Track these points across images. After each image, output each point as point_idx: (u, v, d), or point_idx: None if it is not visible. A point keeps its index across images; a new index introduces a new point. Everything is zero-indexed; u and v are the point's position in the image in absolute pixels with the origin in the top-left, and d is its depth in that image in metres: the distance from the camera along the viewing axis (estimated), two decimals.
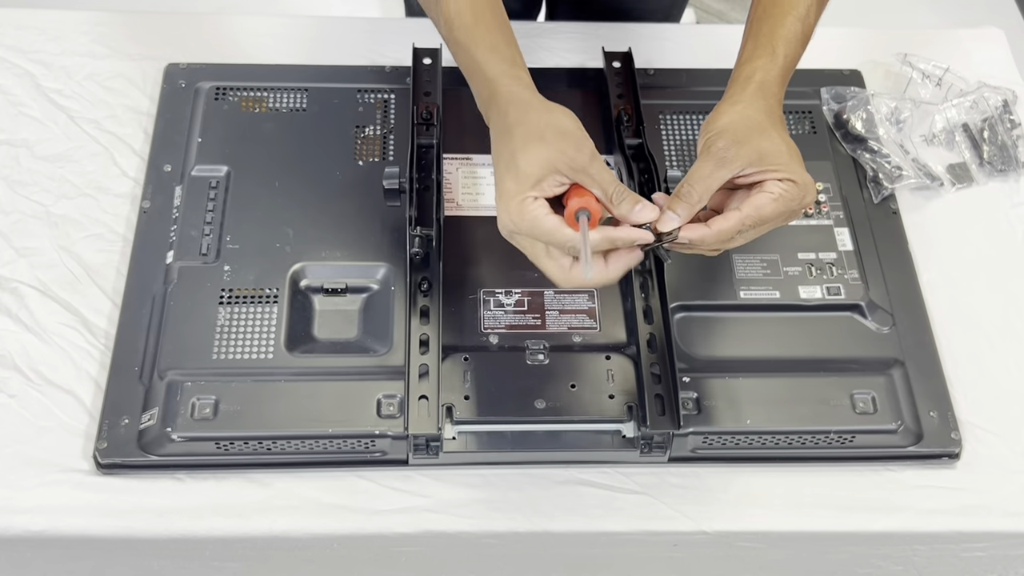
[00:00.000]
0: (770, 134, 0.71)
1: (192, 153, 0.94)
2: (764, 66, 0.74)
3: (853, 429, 0.82)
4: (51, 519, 0.78)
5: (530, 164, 0.67)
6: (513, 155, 0.68)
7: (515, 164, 0.68)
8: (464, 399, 0.81)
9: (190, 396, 0.80)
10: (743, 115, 0.71)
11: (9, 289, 0.88)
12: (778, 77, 0.74)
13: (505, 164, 0.68)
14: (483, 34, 0.72)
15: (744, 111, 0.71)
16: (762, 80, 0.73)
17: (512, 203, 0.68)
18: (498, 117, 0.71)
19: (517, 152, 0.68)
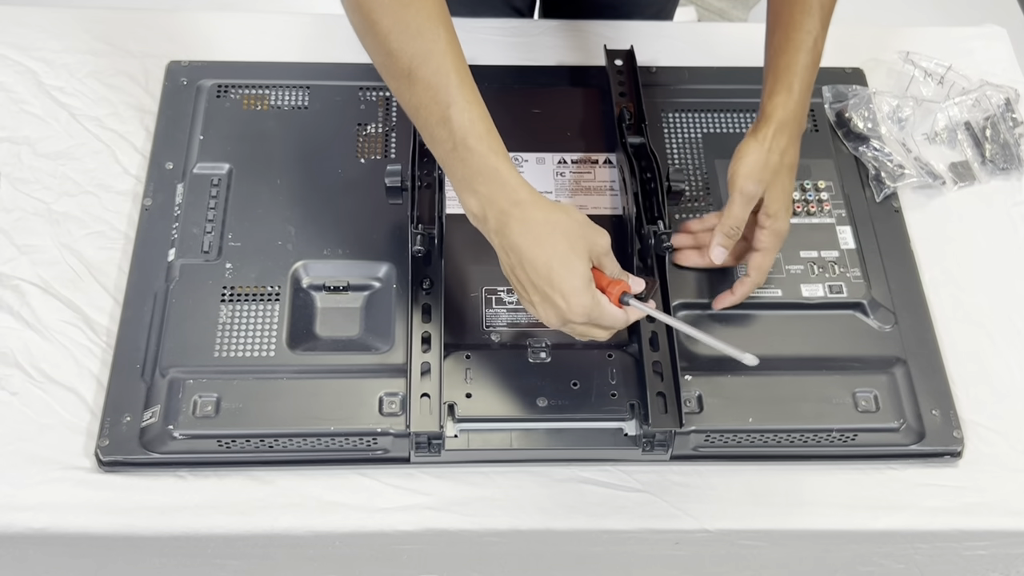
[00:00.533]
0: (780, 180, 0.83)
1: (194, 151, 0.94)
2: (783, 103, 0.83)
3: (855, 427, 0.82)
4: (53, 516, 0.78)
5: (583, 260, 0.73)
6: (567, 254, 0.72)
7: (571, 262, 0.72)
8: (466, 397, 0.81)
9: (192, 394, 0.80)
10: (765, 158, 0.82)
11: (11, 286, 0.88)
12: (795, 111, 0.84)
13: (561, 263, 0.72)
14: (497, 144, 0.74)
15: (766, 154, 0.82)
16: (781, 119, 0.83)
17: (584, 298, 0.72)
18: (527, 222, 0.73)
19: (570, 252, 0.73)
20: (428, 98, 0.72)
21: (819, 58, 0.84)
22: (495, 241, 0.74)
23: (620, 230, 0.91)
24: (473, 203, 0.74)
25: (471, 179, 0.73)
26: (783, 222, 0.84)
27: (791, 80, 0.83)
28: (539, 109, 0.99)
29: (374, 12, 0.71)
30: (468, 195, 0.74)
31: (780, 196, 0.83)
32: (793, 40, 0.83)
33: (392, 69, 0.73)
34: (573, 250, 0.73)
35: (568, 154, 0.96)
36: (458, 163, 0.73)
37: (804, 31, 0.83)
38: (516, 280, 0.75)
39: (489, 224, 0.73)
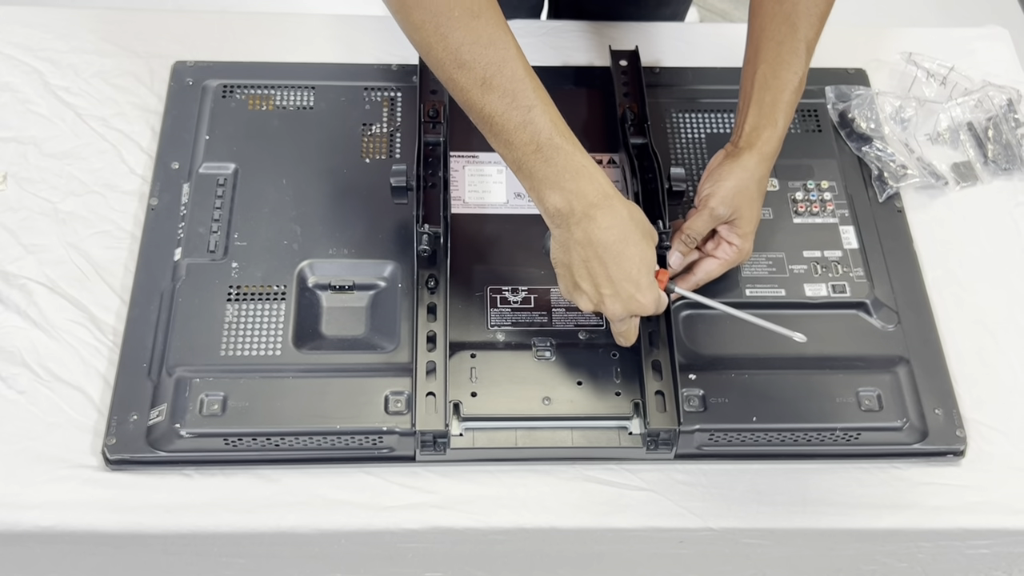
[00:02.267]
0: (751, 204, 0.86)
1: (200, 151, 0.95)
2: (768, 137, 0.86)
3: (859, 426, 0.82)
4: (60, 515, 0.79)
5: (654, 255, 0.78)
6: (647, 251, 0.77)
7: (649, 258, 0.78)
8: (471, 396, 0.82)
9: (199, 392, 0.80)
10: (744, 185, 0.85)
11: (18, 286, 0.89)
12: (777, 145, 0.87)
13: (643, 259, 0.77)
14: (577, 142, 0.76)
15: (747, 182, 0.85)
16: (765, 152, 0.85)
17: (656, 291, 0.78)
18: (616, 216, 0.76)
19: (648, 248, 0.78)
20: (505, 105, 0.74)
21: (802, 92, 0.87)
22: (575, 235, 0.76)
23: None
24: (558, 199, 0.75)
25: (558, 176, 0.75)
26: (749, 243, 0.87)
27: (777, 116, 0.86)
28: None
29: (443, 27, 0.73)
30: (552, 192, 0.75)
31: (752, 219, 0.87)
32: (780, 78, 0.86)
33: (465, 80, 0.74)
34: (650, 247, 0.78)
35: None
36: (542, 163, 0.75)
37: (791, 71, 0.86)
38: (586, 272, 0.77)
39: (574, 218, 0.75)
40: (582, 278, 0.77)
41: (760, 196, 0.86)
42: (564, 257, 0.78)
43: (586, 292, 0.78)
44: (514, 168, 0.77)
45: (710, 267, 0.87)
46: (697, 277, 0.87)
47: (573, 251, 0.77)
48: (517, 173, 0.77)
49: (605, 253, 0.75)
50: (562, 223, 0.76)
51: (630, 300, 0.77)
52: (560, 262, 0.79)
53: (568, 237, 0.76)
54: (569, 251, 0.77)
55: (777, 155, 0.87)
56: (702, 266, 0.87)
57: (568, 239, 0.76)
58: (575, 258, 0.77)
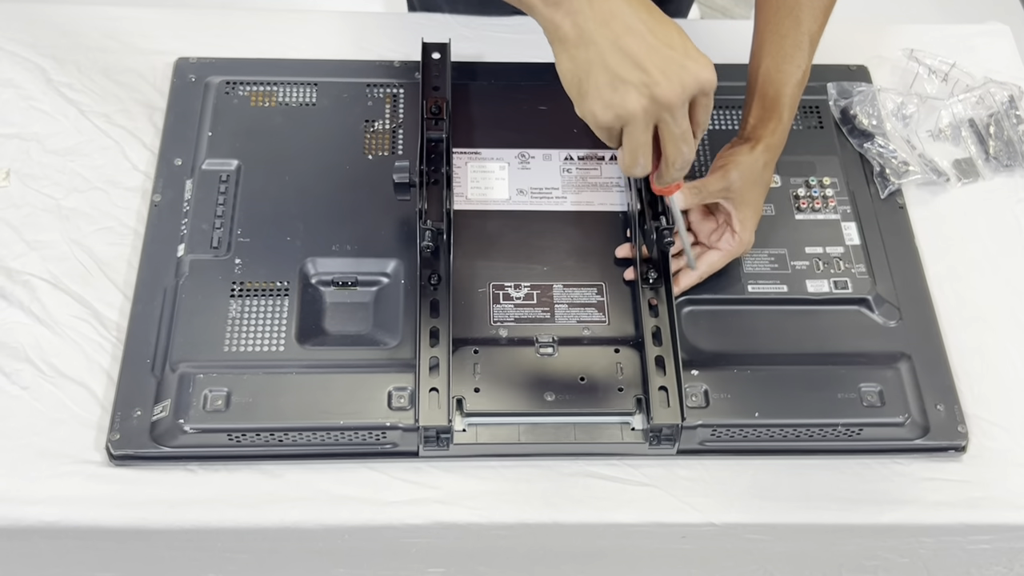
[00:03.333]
0: (754, 192, 0.86)
1: (202, 147, 0.95)
2: (772, 130, 0.86)
3: (860, 422, 0.83)
4: (64, 510, 0.79)
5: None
6: (659, 10, 0.68)
7: (670, 18, 0.68)
8: (474, 391, 0.82)
9: (202, 388, 0.81)
10: (745, 168, 0.85)
11: (21, 282, 0.89)
12: (781, 138, 0.87)
13: (666, 17, 0.67)
14: None
15: (748, 165, 0.85)
16: (770, 143, 0.86)
17: (705, 57, 0.68)
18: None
19: (656, 6, 0.68)
20: None
21: (805, 85, 0.88)
22: (593, 14, 0.65)
23: (626, 227, 0.92)
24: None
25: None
26: (751, 234, 0.87)
27: (781, 110, 0.86)
28: (546, 106, 1.00)
29: None
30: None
31: (755, 208, 0.87)
32: (784, 71, 0.87)
33: None
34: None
35: (574, 151, 0.97)
36: None
37: (795, 64, 0.87)
38: (622, 56, 0.65)
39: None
40: (621, 65, 0.65)
41: (764, 187, 0.87)
42: (588, 54, 0.65)
43: (631, 81, 0.65)
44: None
45: (712, 259, 0.87)
46: (700, 270, 0.87)
47: (597, 35, 0.65)
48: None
49: (635, 20, 0.65)
50: (571, 6, 0.65)
51: (683, 70, 0.65)
52: (585, 65, 0.66)
53: (583, 22, 0.65)
54: (591, 40, 0.65)
55: (782, 148, 0.87)
56: (705, 258, 0.87)
57: (584, 25, 0.65)
58: (604, 45, 0.65)
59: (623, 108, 0.67)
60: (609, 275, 0.89)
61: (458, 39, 1.02)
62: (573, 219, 0.93)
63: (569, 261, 0.90)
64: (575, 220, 0.93)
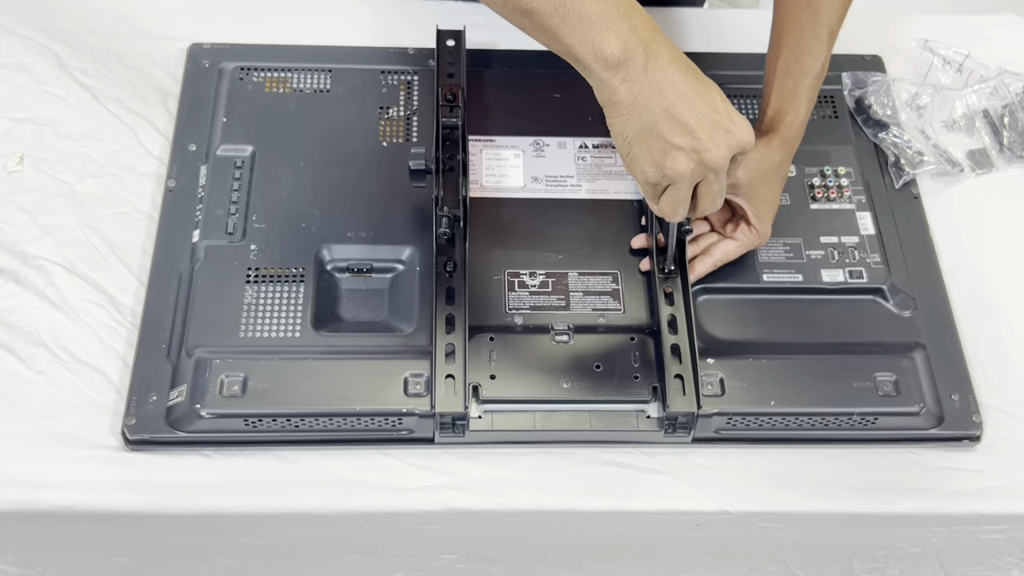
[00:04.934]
0: (770, 187, 0.86)
1: (217, 133, 0.95)
2: (790, 122, 0.86)
3: (876, 411, 0.83)
4: (79, 495, 0.79)
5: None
6: (704, 76, 0.71)
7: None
8: (490, 379, 0.82)
9: (219, 373, 0.81)
10: (762, 161, 0.85)
11: (36, 267, 0.89)
12: (799, 130, 0.87)
13: (710, 83, 0.71)
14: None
15: (764, 159, 0.85)
16: (787, 136, 0.86)
17: (744, 119, 0.71)
18: (674, 51, 0.70)
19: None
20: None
21: (823, 78, 0.88)
22: (646, 81, 0.67)
23: (641, 215, 0.92)
24: (615, 44, 0.66)
25: (612, 15, 0.67)
26: (767, 226, 0.87)
27: (798, 102, 0.86)
28: (560, 94, 1.00)
29: None
30: (609, 36, 0.66)
31: (771, 202, 0.86)
32: (802, 64, 0.86)
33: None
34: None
35: (589, 139, 0.97)
36: (593, 3, 0.67)
37: (813, 56, 0.86)
38: (673, 123, 0.68)
39: (638, 62, 0.67)
40: (672, 132, 0.68)
41: (780, 180, 0.87)
42: (641, 120, 0.68)
43: (682, 147, 0.69)
44: (558, 19, 0.67)
45: (728, 248, 0.87)
46: (715, 258, 0.87)
47: (650, 103, 0.67)
48: (561, 25, 0.67)
49: (685, 89, 0.67)
50: (627, 74, 0.67)
51: (728, 135, 0.69)
52: (637, 130, 0.68)
53: (638, 90, 0.67)
54: (644, 107, 0.68)
55: (799, 140, 0.87)
56: (720, 247, 0.87)
57: (639, 93, 0.67)
58: (657, 113, 0.68)
59: (673, 171, 0.70)
60: (624, 263, 0.89)
61: (472, 26, 1.02)
62: (588, 207, 0.93)
63: (584, 249, 0.90)
64: (590, 208, 0.93)
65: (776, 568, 0.91)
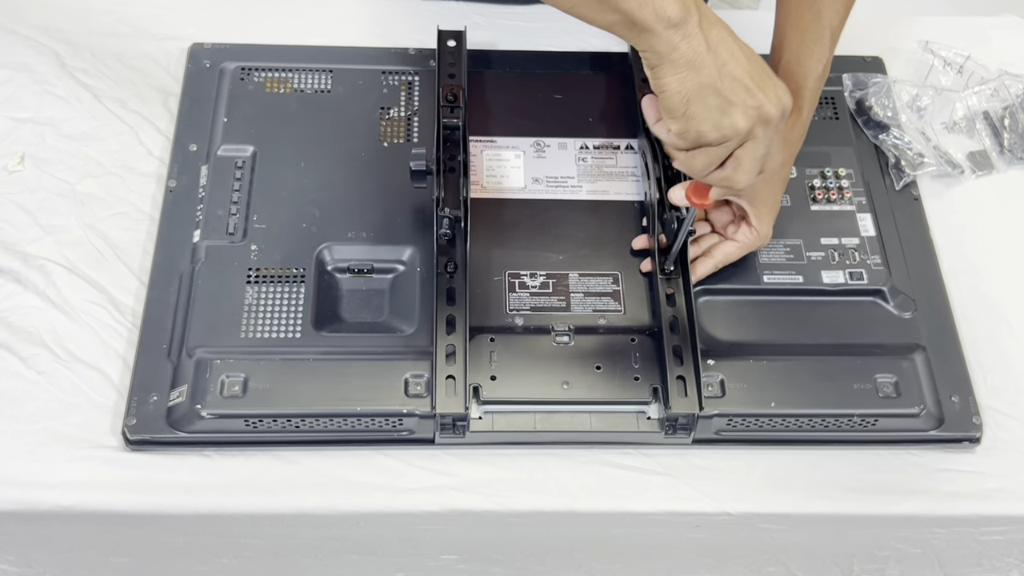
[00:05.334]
0: (772, 186, 0.86)
1: (218, 133, 0.95)
2: (791, 124, 0.86)
3: (876, 413, 0.83)
4: (80, 495, 0.79)
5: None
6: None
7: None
8: (491, 379, 0.82)
9: (219, 374, 0.81)
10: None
11: (36, 266, 0.89)
12: (800, 132, 0.87)
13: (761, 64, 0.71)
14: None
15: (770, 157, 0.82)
16: (786, 137, 0.84)
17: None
18: (704, 5, 0.70)
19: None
20: None
21: (825, 79, 0.88)
22: (705, 41, 0.67)
23: (642, 216, 0.92)
24: (676, 5, 0.66)
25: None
26: (768, 227, 0.87)
27: (800, 104, 0.86)
28: (561, 95, 1.00)
29: None
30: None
31: (770, 204, 0.86)
32: (804, 66, 0.86)
33: None
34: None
35: (590, 139, 0.97)
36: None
37: (815, 58, 0.86)
38: (731, 81, 0.68)
39: (694, 21, 0.67)
40: (730, 88, 0.69)
41: (782, 181, 0.87)
42: (700, 77, 0.68)
43: (739, 103, 0.69)
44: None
45: (729, 250, 0.87)
46: (716, 260, 0.87)
47: (707, 60, 0.68)
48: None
49: (735, 48, 0.69)
50: (687, 31, 0.67)
51: (778, 87, 0.71)
52: (696, 88, 0.68)
53: (696, 46, 0.67)
54: (702, 64, 0.68)
55: (801, 142, 0.87)
56: (721, 249, 0.87)
57: (697, 49, 0.67)
58: (712, 69, 0.68)
59: (732, 128, 0.70)
60: (625, 264, 0.89)
61: (472, 27, 1.02)
62: (589, 208, 0.93)
63: (585, 250, 0.90)
64: (591, 209, 0.93)
65: (776, 569, 0.91)
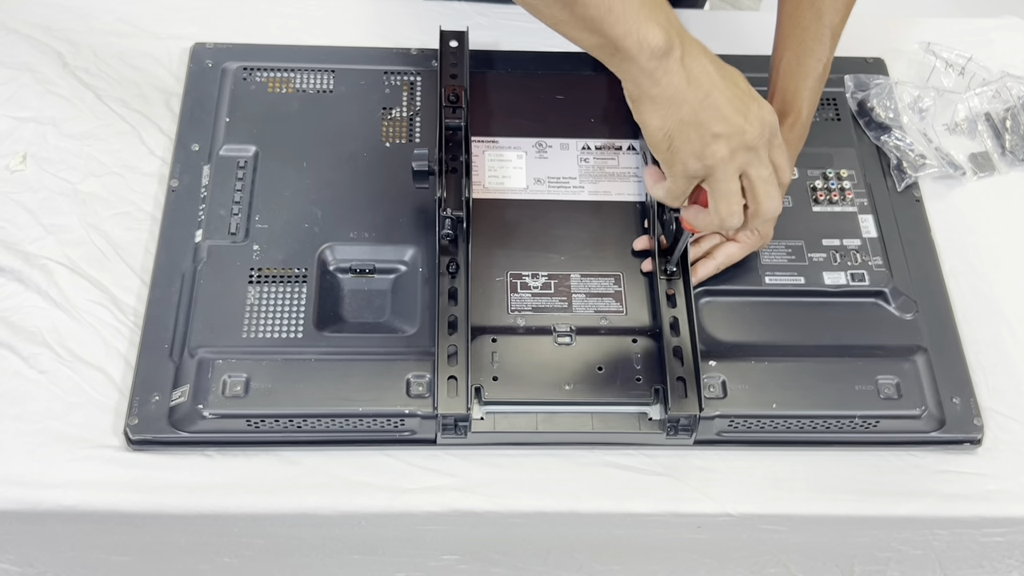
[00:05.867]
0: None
1: (220, 133, 0.95)
2: (791, 124, 0.86)
3: (877, 414, 0.83)
4: (81, 494, 0.79)
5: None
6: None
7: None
8: (492, 380, 0.82)
9: (221, 374, 0.81)
10: None
11: (38, 266, 0.89)
12: (800, 133, 0.87)
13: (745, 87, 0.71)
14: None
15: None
16: (788, 137, 0.85)
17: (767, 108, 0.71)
18: (702, 46, 0.71)
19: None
20: None
21: (826, 80, 0.88)
22: (685, 72, 0.68)
23: (643, 217, 0.92)
24: (659, 34, 0.67)
25: (653, 7, 0.67)
26: (770, 229, 0.88)
27: (800, 104, 0.86)
28: (562, 95, 1.00)
29: None
30: (653, 27, 0.67)
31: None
32: (804, 66, 0.87)
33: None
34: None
35: (592, 140, 0.97)
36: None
37: (815, 58, 0.87)
38: (713, 111, 0.68)
39: (676, 53, 0.67)
40: (711, 120, 0.68)
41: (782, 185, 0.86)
42: (681, 112, 0.68)
43: (721, 134, 0.69)
44: (603, 10, 0.67)
45: (730, 251, 0.87)
46: (718, 261, 0.87)
47: (689, 94, 0.68)
48: (607, 16, 0.67)
49: (717, 77, 0.69)
50: (668, 65, 0.67)
51: (760, 109, 0.70)
52: (677, 123, 0.69)
53: (678, 81, 0.68)
54: (684, 99, 0.68)
55: (803, 142, 0.87)
56: (723, 250, 0.87)
57: (678, 84, 0.68)
58: (695, 104, 0.68)
59: (713, 158, 0.70)
60: (626, 265, 0.89)
61: (474, 27, 1.02)
62: (590, 209, 0.93)
63: (586, 251, 0.90)
64: (592, 210, 0.93)
65: (777, 570, 0.91)
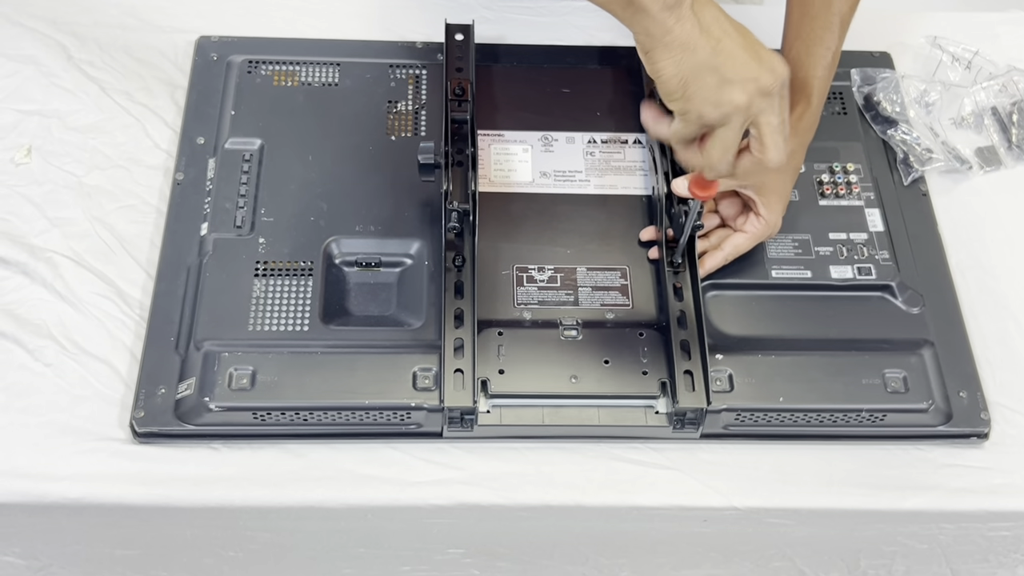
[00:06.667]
0: (784, 178, 0.86)
1: (225, 126, 0.94)
2: (800, 113, 0.87)
3: (884, 408, 0.83)
4: (87, 487, 0.79)
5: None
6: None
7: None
8: (499, 373, 0.82)
9: (227, 366, 0.81)
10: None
11: (44, 259, 0.88)
12: (810, 122, 0.87)
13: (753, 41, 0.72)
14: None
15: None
16: (796, 128, 0.85)
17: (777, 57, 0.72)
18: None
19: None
20: None
21: (835, 69, 0.88)
22: (698, 21, 0.69)
23: (650, 210, 0.92)
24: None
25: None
26: (778, 216, 0.87)
27: (810, 93, 0.87)
28: (569, 89, 1.00)
29: None
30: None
31: (780, 194, 0.86)
32: (814, 55, 0.87)
33: None
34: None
35: (598, 134, 0.97)
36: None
37: (824, 46, 0.87)
38: (726, 58, 0.70)
39: (685, 4, 0.69)
40: (726, 66, 0.70)
41: (790, 172, 0.87)
42: (695, 57, 0.69)
43: (736, 79, 0.70)
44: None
45: (738, 241, 0.87)
46: (726, 252, 0.87)
47: (702, 40, 0.69)
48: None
49: (727, 25, 0.70)
50: (681, 13, 0.69)
51: (773, 59, 0.71)
52: (692, 68, 0.70)
53: (690, 28, 0.69)
54: (697, 45, 0.69)
55: (812, 132, 0.87)
56: (730, 241, 0.87)
57: (691, 31, 0.69)
58: (707, 48, 0.69)
59: (731, 104, 0.71)
60: (633, 258, 0.89)
61: (480, 21, 1.02)
62: (596, 202, 0.93)
63: (592, 244, 0.90)
64: (598, 203, 0.92)
65: (782, 564, 0.91)
